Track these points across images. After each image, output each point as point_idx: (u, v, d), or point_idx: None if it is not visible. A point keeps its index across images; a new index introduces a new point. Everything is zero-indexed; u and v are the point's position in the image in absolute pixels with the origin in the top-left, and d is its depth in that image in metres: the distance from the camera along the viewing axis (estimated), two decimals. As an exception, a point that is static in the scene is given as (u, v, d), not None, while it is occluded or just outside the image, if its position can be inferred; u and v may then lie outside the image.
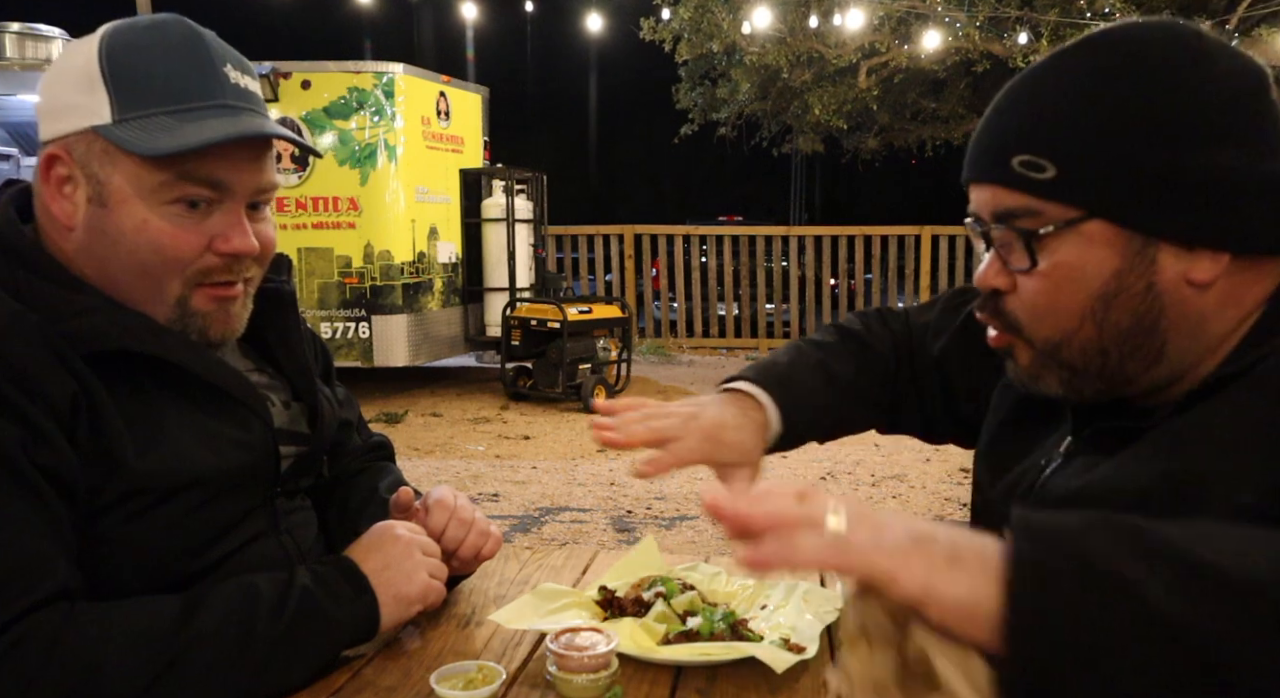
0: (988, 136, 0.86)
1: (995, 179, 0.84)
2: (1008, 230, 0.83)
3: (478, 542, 1.15)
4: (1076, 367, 0.84)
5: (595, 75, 30.45)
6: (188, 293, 0.99)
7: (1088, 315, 0.81)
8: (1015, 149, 0.82)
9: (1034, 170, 0.80)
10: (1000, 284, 0.86)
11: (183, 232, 0.96)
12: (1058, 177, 0.79)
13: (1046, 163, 0.80)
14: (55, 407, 0.87)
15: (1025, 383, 0.89)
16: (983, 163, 0.86)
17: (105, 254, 0.96)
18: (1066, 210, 0.80)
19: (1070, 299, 0.81)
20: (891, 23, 9.10)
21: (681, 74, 12.13)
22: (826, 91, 10.43)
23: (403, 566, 1.03)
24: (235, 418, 1.02)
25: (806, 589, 1.16)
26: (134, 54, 0.95)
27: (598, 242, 10.15)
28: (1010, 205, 0.82)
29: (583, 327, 6.80)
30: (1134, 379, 0.83)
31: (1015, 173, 0.81)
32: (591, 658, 0.92)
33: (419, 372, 8.01)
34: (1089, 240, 0.80)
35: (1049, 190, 0.80)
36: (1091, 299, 0.81)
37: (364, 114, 6.82)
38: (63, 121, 0.96)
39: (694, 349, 10.09)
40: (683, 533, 4.17)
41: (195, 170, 0.94)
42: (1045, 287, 0.82)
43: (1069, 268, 0.81)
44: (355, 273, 6.88)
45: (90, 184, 0.95)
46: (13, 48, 6.78)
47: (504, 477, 5.07)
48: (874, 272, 9.74)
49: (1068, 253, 0.81)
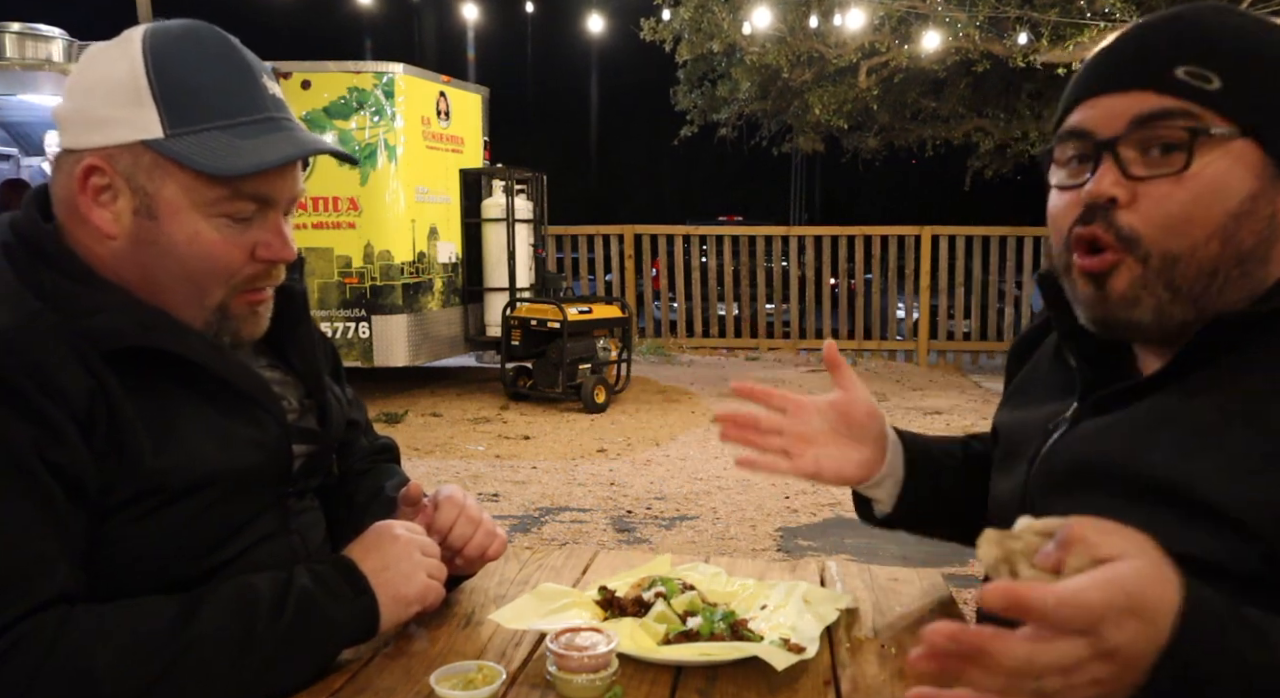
0: (1136, 49, 0.86)
1: (1150, 85, 0.84)
2: (1145, 136, 0.83)
3: (484, 541, 1.15)
4: (1182, 287, 0.84)
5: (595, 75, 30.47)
6: (229, 300, 1.02)
7: (1217, 231, 0.82)
8: (1179, 59, 0.83)
9: (1199, 80, 0.82)
10: (1119, 193, 0.84)
11: (231, 243, 0.99)
12: (1223, 89, 0.81)
13: (1213, 74, 0.82)
14: (73, 404, 0.88)
15: (1114, 310, 0.87)
16: (1131, 70, 0.85)
17: (152, 263, 0.98)
18: (1223, 123, 0.82)
19: (1207, 211, 0.82)
20: (891, 22, 9.09)
21: (680, 76, 12.12)
22: (826, 91, 10.42)
23: (401, 566, 1.03)
24: (251, 417, 1.03)
25: (806, 589, 1.16)
26: (178, 66, 0.96)
27: (598, 242, 10.15)
28: (1167, 106, 0.82)
29: (583, 327, 6.80)
30: (1231, 304, 0.84)
31: (1178, 79, 0.82)
32: (591, 658, 0.92)
33: (419, 372, 8.02)
34: (1235, 158, 0.82)
35: (1211, 100, 0.82)
36: (1227, 216, 0.82)
37: (364, 114, 6.82)
38: (102, 133, 0.96)
39: (694, 349, 10.09)
40: (683, 533, 4.17)
41: (246, 187, 0.97)
42: (1188, 195, 0.82)
43: (1216, 179, 0.82)
44: (355, 273, 6.88)
45: (136, 196, 0.96)
46: (13, 48, 6.77)
47: (504, 477, 5.07)
48: (874, 272, 9.73)
49: (1218, 164, 0.82)
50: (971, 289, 9.52)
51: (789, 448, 1.08)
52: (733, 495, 4.72)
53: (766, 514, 4.44)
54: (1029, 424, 1.00)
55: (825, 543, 4.07)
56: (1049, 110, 10.28)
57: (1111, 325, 0.88)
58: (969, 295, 9.56)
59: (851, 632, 1.09)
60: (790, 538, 4.13)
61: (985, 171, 11.86)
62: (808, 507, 4.55)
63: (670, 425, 6.40)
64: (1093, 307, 0.89)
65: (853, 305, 9.88)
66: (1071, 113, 0.90)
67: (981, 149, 11.31)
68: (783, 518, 4.40)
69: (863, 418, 1.10)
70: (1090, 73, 0.90)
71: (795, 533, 4.19)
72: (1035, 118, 10.40)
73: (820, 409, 1.10)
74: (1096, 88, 0.88)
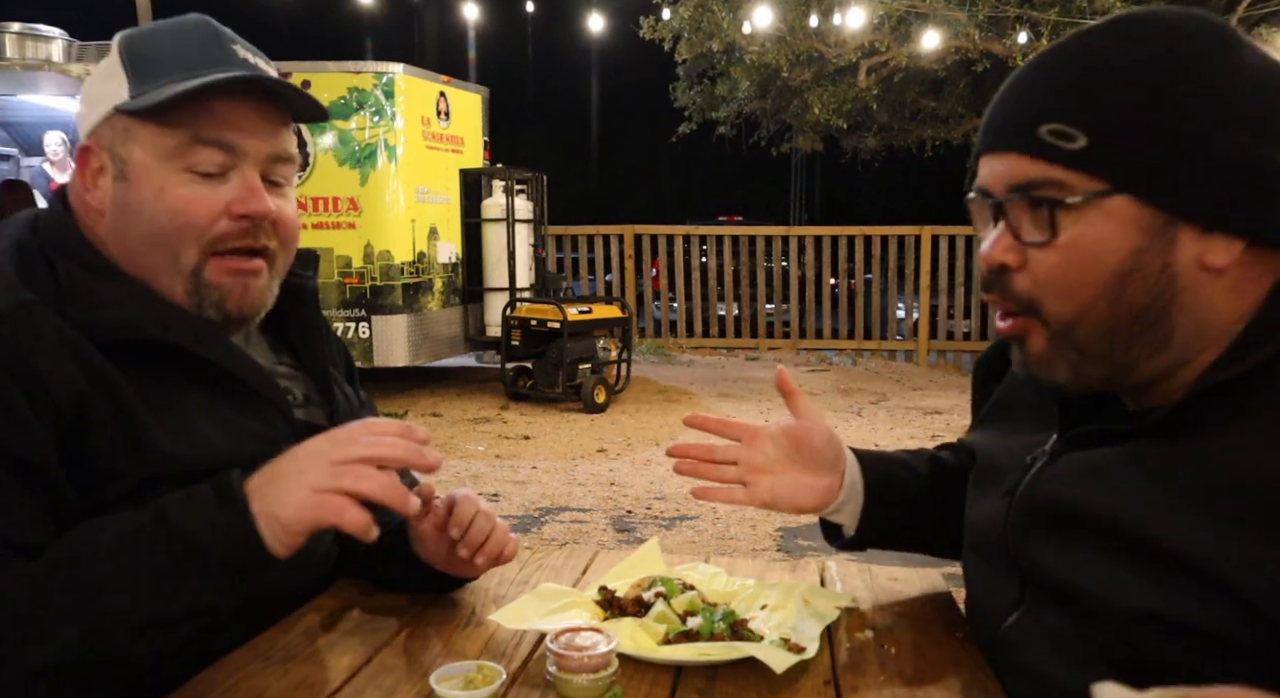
0: (1010, 105, 0.84)
1: (1019, 147, 0.82)
2: (1026, 201, 0.81)
3: (502, 540, 1.14)
4: (1086, 349, 0.82)
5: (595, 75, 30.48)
6: (203, 261, 1.00)
7: (1103, 293, 0.80)
8: (1044, 117, 0.80)
9: (1063, 140, 0.79)
10: (1009, 260, 0.83)
11: (199, 199, 0.98)
12: (1088, 147, 0.78)
13: (1078, 132, 0.78)
14: (55, 401, 0.88)
15: (1035, 371, 0.87)
16: (1005, 131, 0.83)
17: (126, 227, 0.99)
18: (1093, 182, 0.78)
19: (1088, 274, 0.80)
20: (891, 22, 9.10)
21: (679, 73, 12.12)
22: (826, 91, 10.43)
23: (286, 479, 0.87)
24: (257, 411, 1.04)
25: (806, 589, 1.16)
26: (149, 38, 1.01)
27: (598, 242, 10.15)
28: (1033, 175, 0.81)
29: (583, 327, 6.80)
30: (1137, 365, 0.82)
31: (1043, 141, 0.80)
32: (591, 658, 0.92)
33: (419, 372, 8.02)
34: (1110, 216, 0.79)
35: (1077, 160, 0.79)
36: (1109, 276, 0.79)
37: (364, 114, 6.82)
38: (92, 115, 1.00)
39: (694, 349, 10.09)
40: (683, 533, 4.17)
41: (205, 132, 0.97)
42: (1063, 261, 0.80)
43: (1090, 242, 0.79)
44: (355, 273, 6.88)
45: (115, 164, 0.99)
46: (13, 48, 6.78)
47: (504, 477, 5.07)
48: (874, 272, 9.73)
49: (1089, 227, 0.79)
50: (971, 289, 9.52)
51: (744, 478, 1.09)
52: (733, 495, 4.72)
53: (766, 514, 4.44)
54: (1007, 451, 0.98)
55: (825, 543, 4.07)
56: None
57: (1039, 382, 0.88)
58: (969, 295, 9.56)
59: (851, 632, 1.09)
60: (790, 538, 4.13)
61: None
62: (808, 507, 4.55)
63: (670, 425, 6.40)
64: (1020, 365, 0.89)
65: (853, 305, 9.88)
66: (978, 163, 0.88)
67: (981, 149, 11.30)
68: (783, 518, 4.40)
69: (819, 444, 1.10)
70: (984, 124, 0.88)
71: (795, 533, 4.19)
72: (1035, 118, 10.39)
73: (774, 437, 1.11)
74: (983, 144, 0.86)
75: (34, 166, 8.30)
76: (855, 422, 6.62)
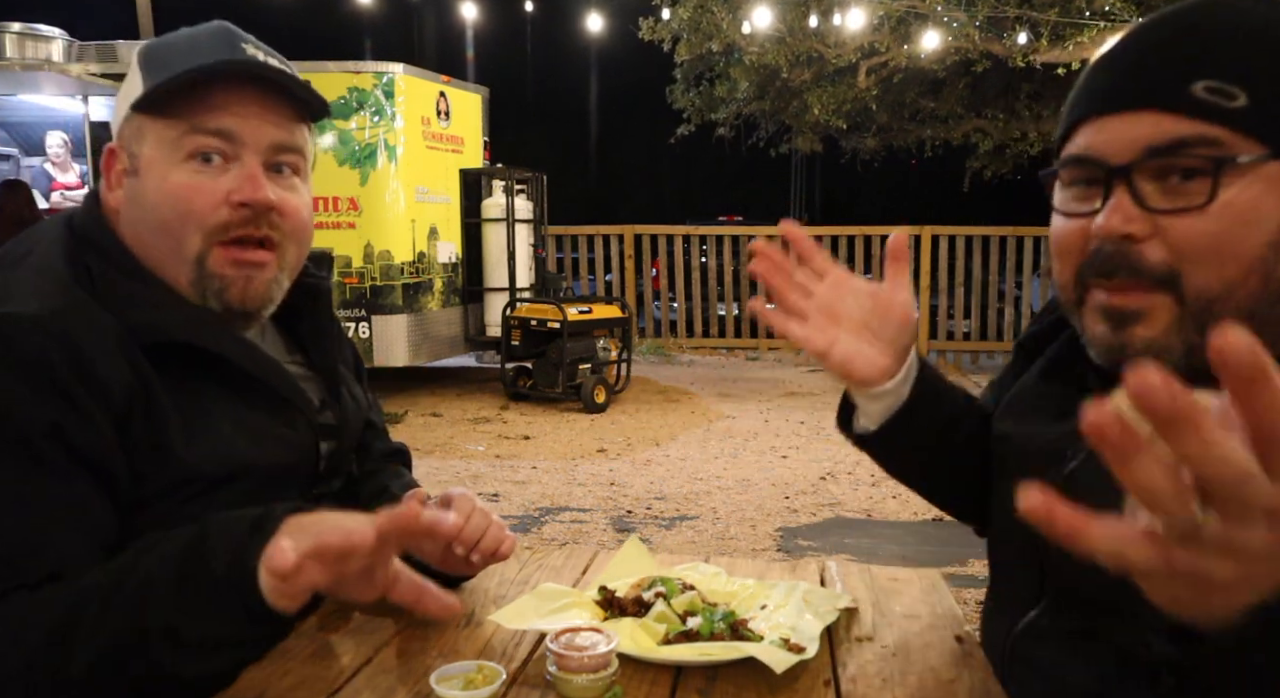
0: (1147, 58, 0.76)
1: (1165, 105, 0.74)
2: (1163, 164, 0.74)
3: (499, 535, 1.14)
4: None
5: (595, 75, 30.47)
6: (206, 250, 1.01)
7: (1256, 265, 0.73)
8: (1197, 73, 0.73)
9: (1222, 97, 0.72)
10: (1134, 230, 0.75)
11: (200, 187, 0.99)
12: (1249, 106, 0.72)
13: (1238, 90, 0.72)
14: (109, 394, 0.89)
15: (1133, 358, 0.77)
16: (1141, 87, 0.76)
17: (137, 219, 1.01)
18: (1253, 146, 0.73)
19: (1242, 244, 0.73)
20: (891, 22, 9.09)
21: (677, 75, 12.11)
22: (826, 91, 10.42)
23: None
24: (280, 414, 1.05)
25: (807, 589, 1.16)
26: (166, 41, 1.04)
27: (598, 242, 10.15)
28: (1184, 134, 0.73)
29: (583, 327, 6.80)
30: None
31: (1196, 98, 0.73)
32: (591, 658, 0.92)
33: (419, 372, 8.01)
34: (1268, 183, 0.73)
35: (1237, 120, 0.72)
36: (1264, 247, 0.73)
37: (364, 114, 6.81)
38: (116, 119, 1.04)
39: (694, 349, 10.09)
40: (683, 533, 4.17)
41: (205, 121, 0.99)
42: (1217, 228, 0.73)
43: (1246, 208, 0.73)
44: (355, 273, 6.88)
45: (130, 161, 1.02)
46: (13, 48, 6.77)
47: (504, 477, 5.07)
48: (874, 272, 9.73)
49: (1245, 191, 0.73)
50: (971, 289, 9.52)
51: (811, 316, 0.97)
52: (733, 496, 4.72)
53: (766, 514, 4.44)
54: (1038, 439, 0.93)
55: (825, 543, 4.07)
56: (1048, 111, 10.28)
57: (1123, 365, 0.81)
58: (969, 295, 9.56)
59: (851, 632, 1.09)
60: (790, 538, 4.13)
61: (984, 172, 11.87)
62: (808, 507, 4.55)
63: (670, 425, 6.40)
64: (1111, 351, 0.80)
65: (852, 305, 9.86)
66: (1075, 133, 0.81)
67: (981, 149, 11.32)
68: (783, 518, 4.40)
69: (898, 320, 0.96)
70: (1095, 87, 0.80)
71: (795, 533, 4.19)
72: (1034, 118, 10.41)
73: (859, 292, 0.98)
74: (1102, 106, 0.78)
75: (34, 167, 8.30)
76: (855, 422, 6.62)
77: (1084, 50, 8.05)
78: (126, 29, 10.92)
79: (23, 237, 1.03)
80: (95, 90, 7.02)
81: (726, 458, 5.46)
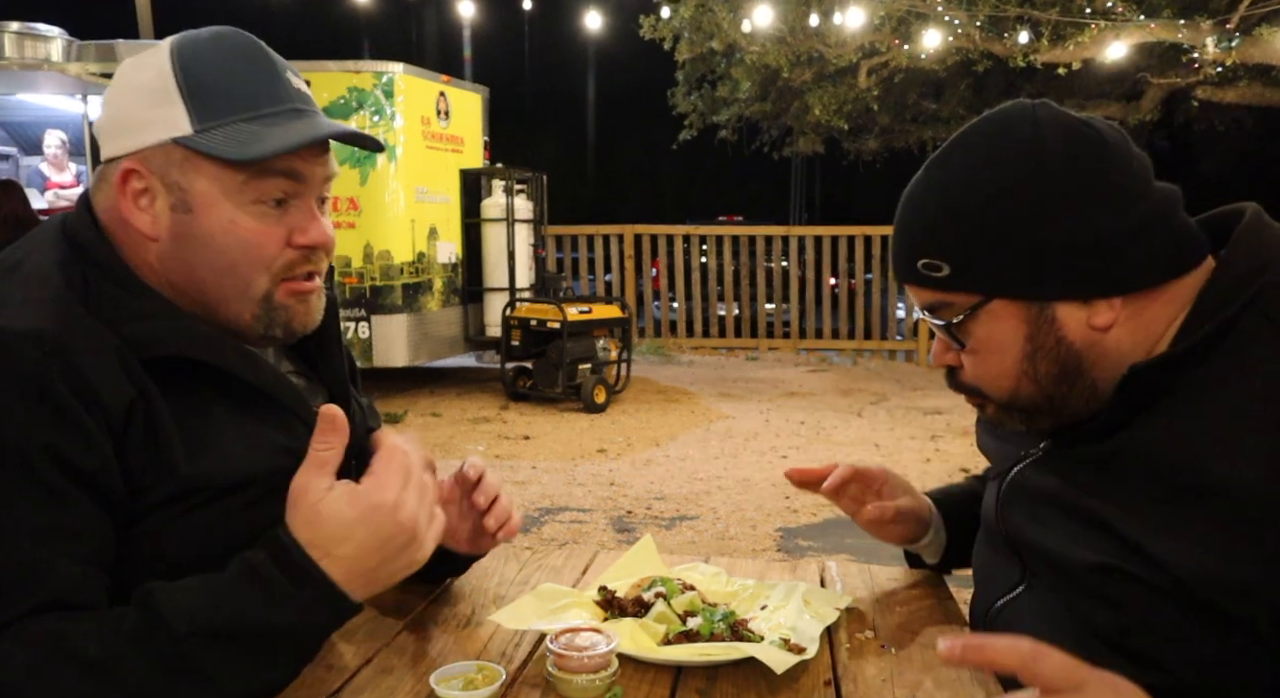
0: (897, 246, 0.99)
1: (910, 281, 0.98)
2: (935, 318, 0.98)
3: (508, 505, 1.16)
4: (1030, 411, 0.97)
5: (595, 75, 30.49)
6: (273, 288, 1.02)
7: (1021, 375, 0.95)
8: (916, 254, 0.95)
9: (934, 270, 0.94)
10: (950, 361, 1.00)
11: (266, 229, 1.00)
12: (952, 272, 0.93)
13: (941, 262, 0.93)
14: (108, 410, 0.88)
15: (998, 426, 1.08)
16: (898, 268, 1.00)
17: (194, 259, 0.99)
18: (970, 297, 0.94)
19: (1000, 366, 0.95)
20: (891, 22, 9.09)
21: (679, 78, 12.11)
22: (826, 91, 10.42)
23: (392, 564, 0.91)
24: (282, 424, 1.04)
25: (806, 589, 1.16)
26: (205, 66, 0.99)
27: (598, 242, 10.15)
28: (928, 301, 0.97)
29: (583, 327, 6.80)
30: (1077, 410, 0.95)
31: (922, 274, 0.95)
32: (591, 658, 0.92)
33: (419, 372, 8.02)
34: (996, 317, 0.93)
35: (950, 284, 0.94)
36: (1018, 362, 0.94)
37: (364, 114, 6.82)
38: (136, 137, 0.98)
39: (694, 349, 10.09)
40: (683, 533, 4.17)
41: (274, 164, 0.98)
42: (977, 361, 0.97)
43: (989, 342, 0.95)
44: (355, 273, 6.88)
45: (172, 193, 0.98)
46: (12, 48, 6.76)
47: (504, 477, 5.07)
48: (874, 272, 9.73)
49: (984, 330, 0.94)
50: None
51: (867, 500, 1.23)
52: (733, 495, 4.72)
53: (766, 514, 4.44)
54: (1007, 448, 1.10)
55: (825, 543, 4.07)
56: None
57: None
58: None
59: (851, 632, 1.09)
60: (790, 538, 4.13)
61: (985, 172, 11.86)
62: (808, 507, 4.55)
63: (670, 425, 6.40)
64: (986, 423, 1.12)
65: (853, 305, 9.87)
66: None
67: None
68: (783, 518, 4.40)
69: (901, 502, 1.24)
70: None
71: (795, 533, 4.19)
72: (1035, 119, 10.38)
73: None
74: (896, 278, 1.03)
75: (33, 166, 8.30)
76: (855, 422, 6.62)
77: (1085, 50, 8.05)
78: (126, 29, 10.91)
79: (18, 243, 1.02)
80: (95, 90, 7.02)
81: (726, 458, 5.46)
